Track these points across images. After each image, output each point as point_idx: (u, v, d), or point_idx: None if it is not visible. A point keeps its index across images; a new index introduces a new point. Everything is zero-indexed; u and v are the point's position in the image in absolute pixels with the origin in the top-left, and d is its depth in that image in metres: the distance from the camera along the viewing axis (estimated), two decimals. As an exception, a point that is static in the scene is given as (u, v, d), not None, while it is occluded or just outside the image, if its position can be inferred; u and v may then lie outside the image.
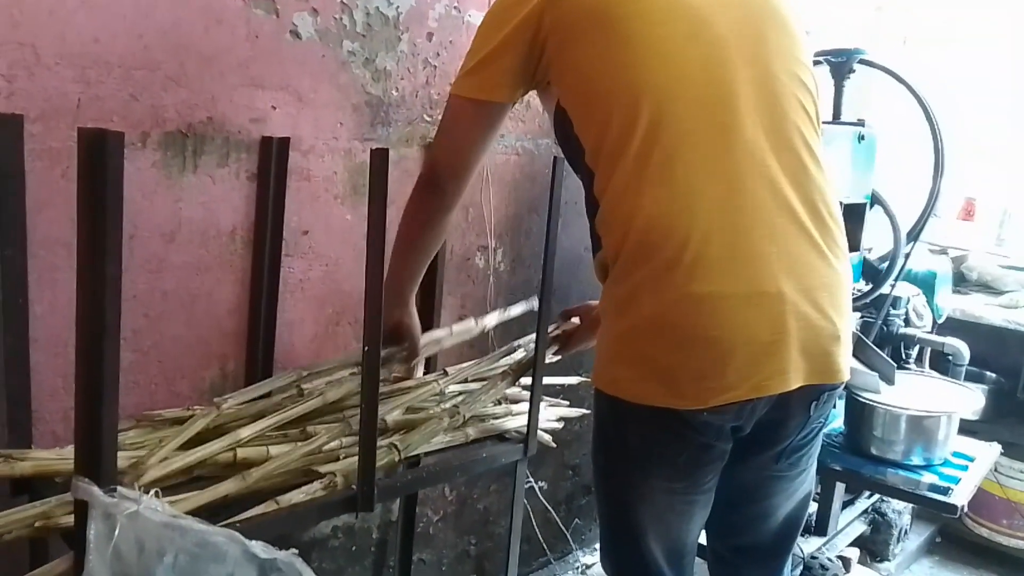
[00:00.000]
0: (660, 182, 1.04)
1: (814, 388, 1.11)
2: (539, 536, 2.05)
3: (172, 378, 1.32)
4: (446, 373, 1.45)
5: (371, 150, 1.10)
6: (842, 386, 1.16)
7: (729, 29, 1.08)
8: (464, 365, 1.50)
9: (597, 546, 2.33)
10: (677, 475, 1.14)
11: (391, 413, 1.30)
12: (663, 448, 1.12)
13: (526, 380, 1.48)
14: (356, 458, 1.17)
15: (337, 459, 1.20)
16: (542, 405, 1.54)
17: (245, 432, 1.14)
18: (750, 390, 1.05)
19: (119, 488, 0.89)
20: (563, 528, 2.18)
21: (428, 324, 1.67)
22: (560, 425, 1.60)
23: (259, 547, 0.92)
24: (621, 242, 1.07)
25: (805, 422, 1.16)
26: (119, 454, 0.93)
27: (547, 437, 1.55)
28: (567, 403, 1.65)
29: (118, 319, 0.85)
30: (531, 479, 1.97)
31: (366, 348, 1.13)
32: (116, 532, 0.87)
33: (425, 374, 1.59)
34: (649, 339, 1.06)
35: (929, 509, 2.05)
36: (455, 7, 1.60)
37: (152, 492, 0.91)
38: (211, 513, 1.05)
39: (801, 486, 1.25)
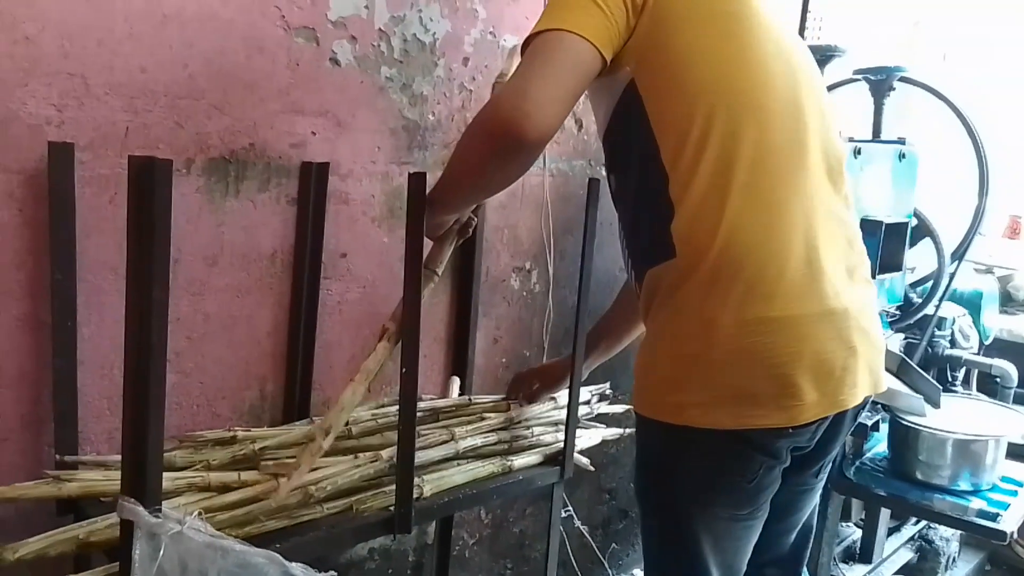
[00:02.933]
0: (748, 193, 1.02)
1: (864, 399, 1.14)
2: (574, 561, 2.03)
3: (213, 399, 1.34)
4: (482, 418, 1.43)
5: (408, 174, 1.12)
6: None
7: (798, 57, 1.11)
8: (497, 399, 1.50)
9: (634, 572, 2.30)
10: (743, 501, 1.12)
11: (427, 452, 1.28)
12: (730, 474, 1.09)
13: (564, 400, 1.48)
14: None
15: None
16: (579, 429, 1.53)
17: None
18: (830, 406, 1.06)
19: (164, 509, 0.90)
20: (599, 553, 2.16)
21: (463, 347, 1.68)
22: (598, 442, 1.59)
23: (298, 568, 0.93)
24: (702, 255, 1.01)
25: (848, 433, 1.20)
26: (163, 475, 0.95)
27: (584, 460, 1.54)
28: (603, 426, 1.63)
29: (164, 342, 0.87)
30: (569, 507, 1.95)
31: (403, 370, 1.14)
32: (161, 552, 0.88)
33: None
34: (727, 363, 1.02)
35: (977, 536, 1.99)
36: (490, 32, 1.62)
37: (195, 513, 0.93)
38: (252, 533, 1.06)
39: (819, 494, 1.29)
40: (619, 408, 1.66)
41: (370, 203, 1.49)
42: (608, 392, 1.68)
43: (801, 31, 2.34)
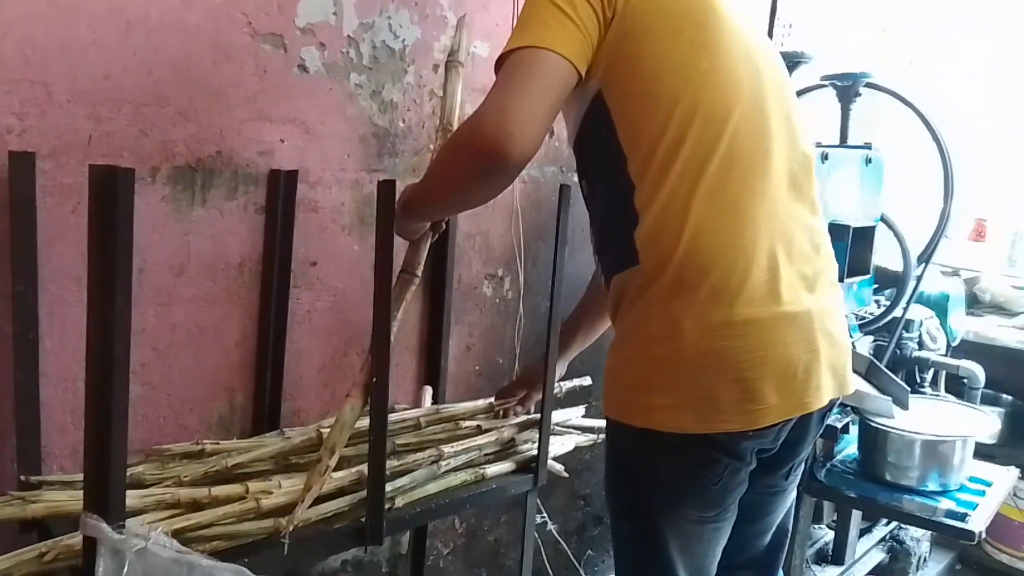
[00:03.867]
0: (712, 200, 1.03)
1: (830, 402, 1.15)
2: (549, 568, 2.02)
3: (180, 411, 1.32)
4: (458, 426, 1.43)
5: (378, 181, 1.11)
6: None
7: (765, 60, 1.12)
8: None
9: (610, 578, 2.30)
10: (709, 503, 1.12)
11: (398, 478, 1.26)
12: (697, 477, 1.10)
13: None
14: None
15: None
16: (563, 437, 1.53)
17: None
18: (792, 408, 1.07)
19: (128, 524, 0.89)
20: (574, 560, 2.16)
21: (436, 355, 1.67)
22: (571, 448, 1.58)
23: (267, 583, 0.92)
24: (666, 261, 1.04)
25: (816, 435, 1.22)
26: (128, 492, 0.93)
27: (559, 467, 1.54)
28: (578, 431, 1.63)
29: (127, 353, 0.86)
30: (544, 514, 1.95)
31: (374, 379, 1.13)
32: (125, 569, 0.86)
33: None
34: (692, 366, 1.04)
35: (947, 536, 2.02)
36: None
37: (160, 528, 0.91)
38: (220, 547, 1.04)
39: (792, 495, 1.29)
40: (599, 423, 1.63)
41: (340, 211, 1.48)
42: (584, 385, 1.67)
43: (769, 37, 2.36)
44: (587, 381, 1.69)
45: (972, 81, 2.99)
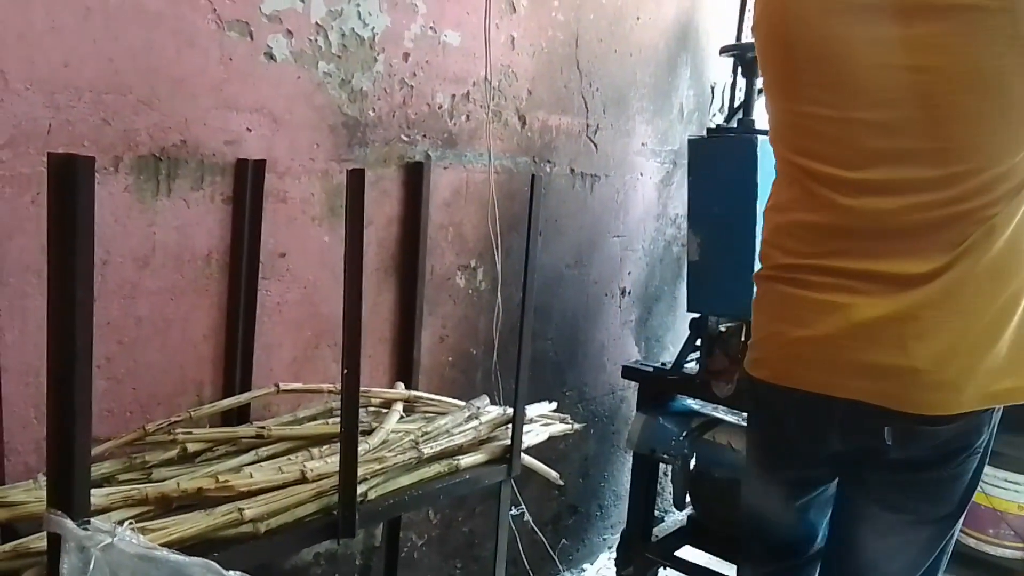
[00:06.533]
0: (792, 215, 1.15)
1: (881, 410, 1.04)
2: (525, 558, 2.03)
3: (147, 405, 1.30)
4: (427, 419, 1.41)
5: (347, 171, 1.09)
6: (938, 424, 1.04)
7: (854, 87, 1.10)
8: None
9: (584, 567, 2.31)
10: (755, 449, 1.28)
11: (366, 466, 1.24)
12: (751, 417, 1.32)
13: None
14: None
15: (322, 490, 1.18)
16: (535, 426, 1.53)
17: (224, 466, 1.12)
18: (812, 383, 1.10)
19: (93, 520, 0.87)
20: (550, 549, 2.16)
21: (408, 346, 1.66)
22: (545, 438, 1.58)
23: (237, 577, 0.90)
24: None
25: (879, 448, 1.07)
26: (94, 491, 0.91)
27: (554, 474, 1.54)
28: (557, 420, 1.62)
29: (90, 347, 0.84)
30: (522, 505, 1.95)
31: (344, 371, 1.12)
32: (91, 566, 0.84)
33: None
34: (758, 313, 1.20)
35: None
36: (431, 27, 1.60)
37: (126, 523, 0.89)
38: (188, 542, 1.03)
39: (893, 531, 1.14)
40: (564, 428, 1.62)
41: (309, 201, 1.46)
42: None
43: (739, 34, 2.37)
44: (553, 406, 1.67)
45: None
